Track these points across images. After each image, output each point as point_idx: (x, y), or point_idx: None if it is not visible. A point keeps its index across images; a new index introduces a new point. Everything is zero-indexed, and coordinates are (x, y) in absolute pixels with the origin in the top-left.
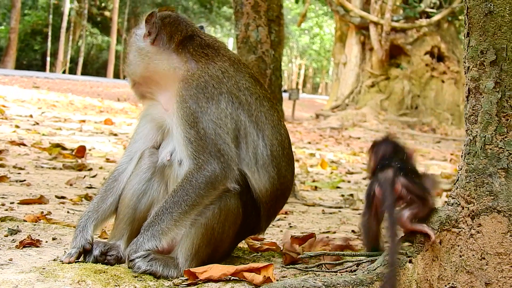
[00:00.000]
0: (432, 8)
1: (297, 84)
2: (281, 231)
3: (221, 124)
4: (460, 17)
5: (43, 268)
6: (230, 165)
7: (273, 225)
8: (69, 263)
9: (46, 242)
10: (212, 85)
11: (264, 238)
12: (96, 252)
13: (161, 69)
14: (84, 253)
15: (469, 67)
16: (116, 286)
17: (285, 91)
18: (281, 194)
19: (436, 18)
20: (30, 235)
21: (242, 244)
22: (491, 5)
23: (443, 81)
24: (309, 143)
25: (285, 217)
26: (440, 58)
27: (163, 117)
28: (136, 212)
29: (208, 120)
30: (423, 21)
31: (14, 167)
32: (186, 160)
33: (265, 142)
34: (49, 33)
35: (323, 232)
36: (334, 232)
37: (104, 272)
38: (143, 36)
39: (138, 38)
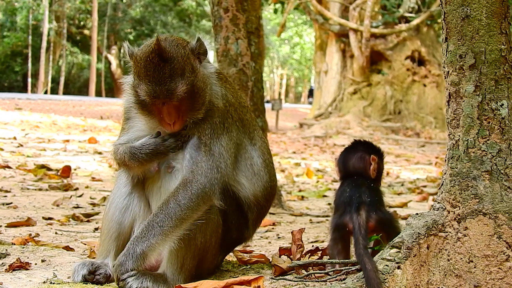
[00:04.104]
0: (411, 12)
1: (280, 94)
2: (269, 242)
3: (227, 148)
4: (439, 20)
5: None
6: (219, 183)
7: (261, 237)
8: None
9: (36, 264)
10: (231, 116)
11: (253, 251)
12: (84, 271)
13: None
14: (72, 273)
15: (448, 71)
16: None
17: (267, 101)
18: (271, 197)
19: (415, 22)
20: (19, 258)
21: (231, 258)
22: (467, 9)
23: (425, 85)
24: (294, 152)
25: (273, 228)
26: (421, 62)
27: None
28: (121, 227)
29: (219, 145)
30: (402, 26)
31: (0, 190)
32: (182, 170)
33: (258, 153)
34: (29, 54)
35: (312, 242)
36: (323, 241)
37: None
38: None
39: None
